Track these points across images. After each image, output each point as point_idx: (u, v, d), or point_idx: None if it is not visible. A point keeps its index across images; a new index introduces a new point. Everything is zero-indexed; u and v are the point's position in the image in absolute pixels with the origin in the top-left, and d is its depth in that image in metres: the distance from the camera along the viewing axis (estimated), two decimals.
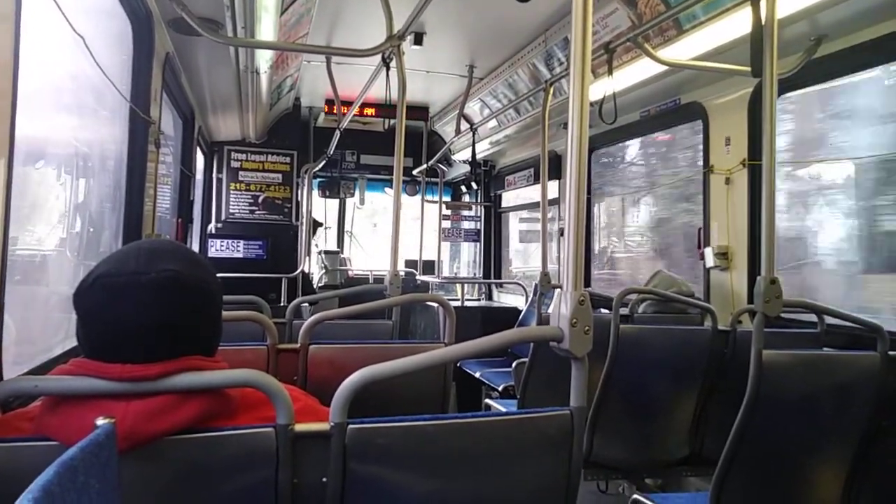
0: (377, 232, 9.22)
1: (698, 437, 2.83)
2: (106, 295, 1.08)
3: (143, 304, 1.08)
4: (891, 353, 2.06)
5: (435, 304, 4.31)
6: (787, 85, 2.91)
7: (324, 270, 7.54)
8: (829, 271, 3.33)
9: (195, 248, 5.88)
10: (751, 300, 2.86)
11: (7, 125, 1.33)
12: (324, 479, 1.13)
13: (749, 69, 2.17)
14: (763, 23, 2.08)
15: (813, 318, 2.72)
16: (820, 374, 2.05)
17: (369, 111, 6.13)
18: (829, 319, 2.60)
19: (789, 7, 2.50)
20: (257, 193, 6.85)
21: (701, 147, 3.73)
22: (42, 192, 2.14)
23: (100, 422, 0.91)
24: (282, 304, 5.81)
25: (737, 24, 2.69)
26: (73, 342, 1.22)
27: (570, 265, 1.22)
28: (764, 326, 1.92)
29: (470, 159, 5.61)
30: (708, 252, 3.55)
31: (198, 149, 5.39)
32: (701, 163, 3.74)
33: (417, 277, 7.08)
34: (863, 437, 2.09)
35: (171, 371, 1.07)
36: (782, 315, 2.02)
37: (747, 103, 3.33)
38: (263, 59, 3.77)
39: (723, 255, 3.47)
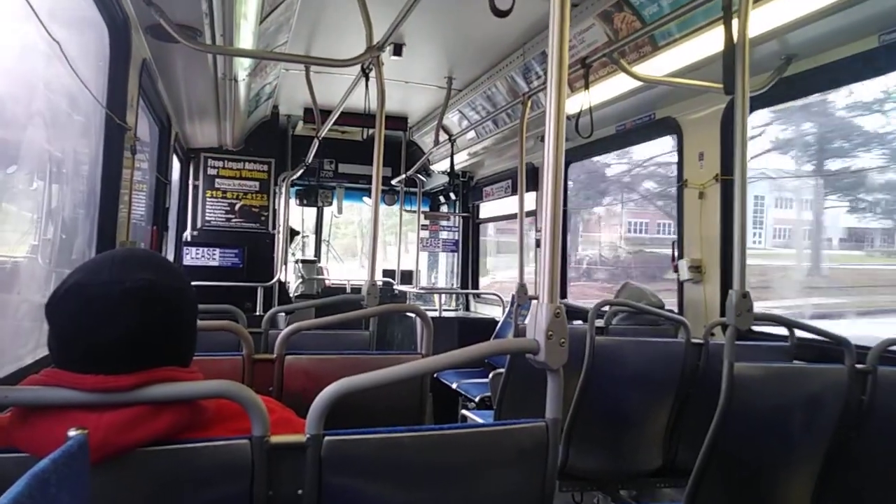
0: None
1: (672, 449, 2.86)
2: (79, 305, 1.07)
3: (116, 314, 1.07)
4: (857, 366, 2.10)
5: (412, 315, 4.30)
6: (758, 102, 2.97)
7: (300, 279, 7.50)
8: None
9: (170, 256, 5.81)
10: (724, 313, 2.91)
11: None
12: (299, 492, 1.13)
13: (722, 86, 2.22)
14: (735, 41, 2.12)
15: (784, 331, 2.77)
16: (790, 386, 2.09)
17: (348, 120, 6.14)
18: (800, 333, 2.64)
19: (761, 27, 2.56)
20: (234, 201, 6.79)
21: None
22: (13, 197, 2.10)
23: (72, 433, 0.89)
24: (257, 314, 5.76)
25: (710, 42, 2.74)
26: (44, 351, 1.20)
27: (546, 277, 1.23)
28: (736, 339, 1.95)
29: (448, 170, 5.63)
30: (682, 265, 3.60)
31: (174, 155, 5.34)
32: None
33: (395, 287, 7.07)
34: (830, 447, 2.13)
35: (145, 382, 1.06)
36: (755, 328, 2.06)
37: (720, 119, 3.39)
38: (242, 66, 3.76)
39: (696, 268, 3.52)
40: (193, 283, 1.24)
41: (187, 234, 6.62)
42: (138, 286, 1.08)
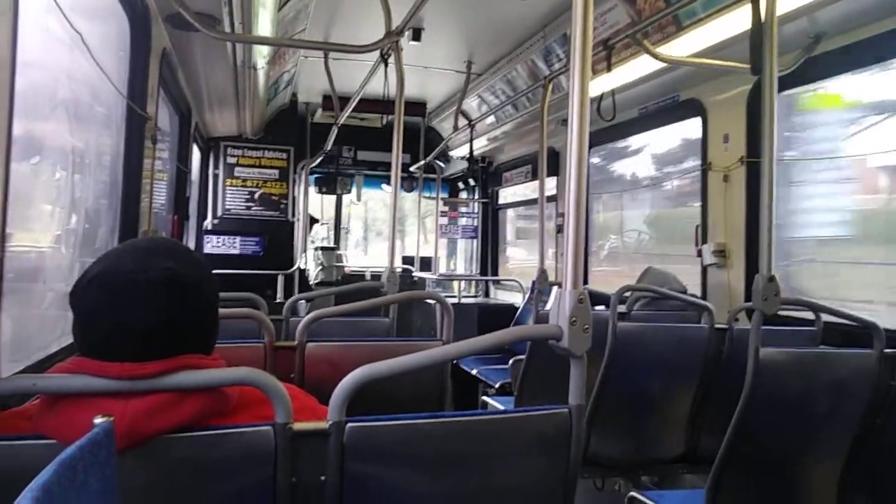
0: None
1: (695, 435, 2.84)
2: (102, 294, 1.07)
3: (139, 303, 1.07)
4: (886, 350, 2.06)
5: (432, 302, 4.31)
6: (786, 82, 2.91)
7: (320, 267, 7.54)
8: None
9: (191, 244, 5.86)
10: (748, 298, 2.86)
11: (4, 121, 1.32)
12: (322, 478, 1.13)
13: (748, 66, 2.17)
14: (763, 20, 2.08)
15: (811, 315, 2.72)
16: (817, 371, 2.06)
17: (367, 107, 6.13)
18: (827, 317, 2.60)
19: (789, 4, 2.50)
20: (254, 189, 6.83)
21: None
22: (37, 188, 2.13)
23: (98, 420, 0.90)
24: (278, 301, 5.80)
25: (736, 21, 2.69)
26: (70, 339, 1.22)
27: (569, 263, 1.22)
28: (761, 324, 1.92)
29: (468, 156, 5.61)
30: (706, 249, 3.55)
31: (194, 145, 5.37)
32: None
33: (414, 274, 7.08)
34: (858, 434, 2.10)
35: (169, 369, 1.07)
36: (780, 313, 2.03)
37: (746, 100, 3.33)
38: (261, 54, 3.76)
39: (720, 252, 3.47)
40: (214, 272, 1.24)
41: (208, 223, 6.67)
42: (161, 275, 1.09)
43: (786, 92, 3.17)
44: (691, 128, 3.91)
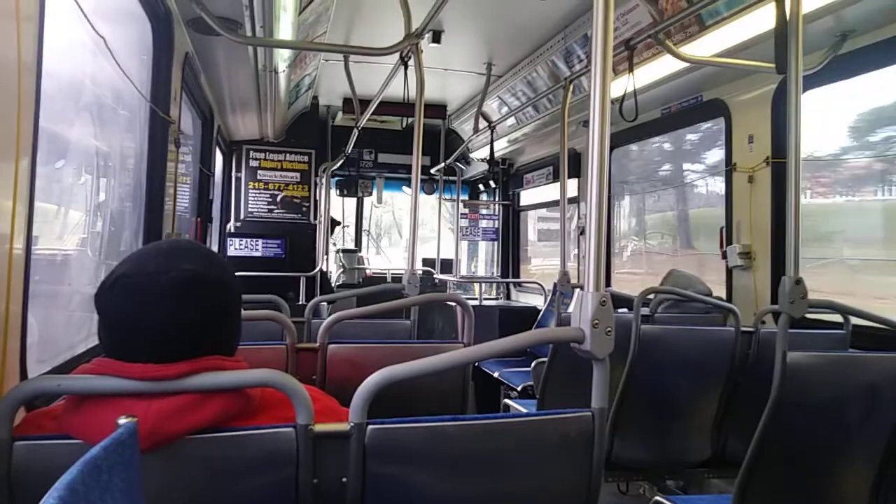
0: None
1: (721, 439, 2.80)
2: (126, 295, 1.08)
3: (163, 305, 1.08)
4: None
5: (453, 304, 4.30)
6: (812, 81, 2.86)
7: (341, 269, 7.57)
8: None
9: (214, 247, 5.92)
10: (773, 300, 2.82)
11: (31, 124, 1.34)
12: (343, 480, 1.13)
13: (773, 66, 2.14)
14: (787, 18, 2.04)
15: (839, 318, 2.67)
16: (846, 375, 2.01)
17: (387, 110, 6.14)
18: (856, 320, 2.55)
19: (815, 2, 2.46)
20: (276, 192, 6.88)
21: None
22: (62, 191, 2.16)
23: (122, 421, 0.91)
24: (300, 303, 5.83)
25: (760, 20, 2.65)
26: (95, 340, 1.23)
27: (591, 265, 1.21)
28: (789, 327, 1.88)
29: (488, 157, 5.60)
30: (731, 251, 3.50)
31: (217, 148, 5.42)
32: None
33: (435, 276, 7.08)
34: (891, 440, 2.05)
35: (192, 370, 1.07)
36: (807, 316, 1.99)
37: (771, 100, 3.28)
38: (282, 58, 3.78)
39: (745, 254, 3.42)
40: (237, 274, 1.25)
41: (231, 226, 6.73)
42: (184, 277, 1.10)
43: (811, 91, 3.13)
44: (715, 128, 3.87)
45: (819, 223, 3.55)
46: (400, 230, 11.25)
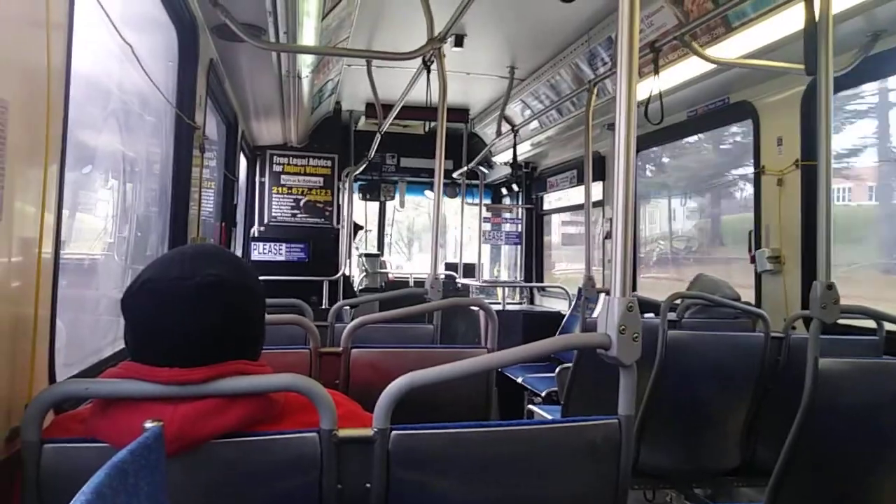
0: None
1: (750, 447, 2.74)
2: (152, 300, 1.09)
3: (187, 309, 1.09)
4: None
5: (476, 308, 4.29)
6: (842, 82, 2.80)
7: (364, 273, 7.59)
8: None
9: (238, 251, 5.97)
10: (804, 305, 2.76)
11: (60, 130, 1.36)
12: (367, 485, 1.12)
13: (802, 67, 2.10)
14: (817, 19, 2.01)
15: (872, 324, 2.61)
16: (880, 382, 1.97)
17: (409, 114, 6.15)
18: (890, 326, 2.49)
19: (845, 2, 2.41)
20: (299, 197, 6.93)
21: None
22: (89, 196, 2.19)
23: (148, 424, 0.91)
24: (323, 307, 5.86)
25: (789, 21, 2.61)
26: (122, 344, 1.24)
27: (617, 270, 1.19)
28: (820, 333, 1.84)
29: (511, 161, 5.58)
30: (760, 255, 3.44)
31: (241, 153, 5.48)
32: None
33: (458, 281, 7.07)
34: None
35: (217, 375, 1.07)
36: (839, 321, 1.94)
37: (800, 102, 3.22)
38: (305, 63, 3.81)
39: (775, 258, 3.36)
40: (261, 278, 1.25)
41: (255, 230, 6.79)
42: (208, 281, 1.10)
43: (842, 93, 3.07)
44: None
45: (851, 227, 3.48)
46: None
